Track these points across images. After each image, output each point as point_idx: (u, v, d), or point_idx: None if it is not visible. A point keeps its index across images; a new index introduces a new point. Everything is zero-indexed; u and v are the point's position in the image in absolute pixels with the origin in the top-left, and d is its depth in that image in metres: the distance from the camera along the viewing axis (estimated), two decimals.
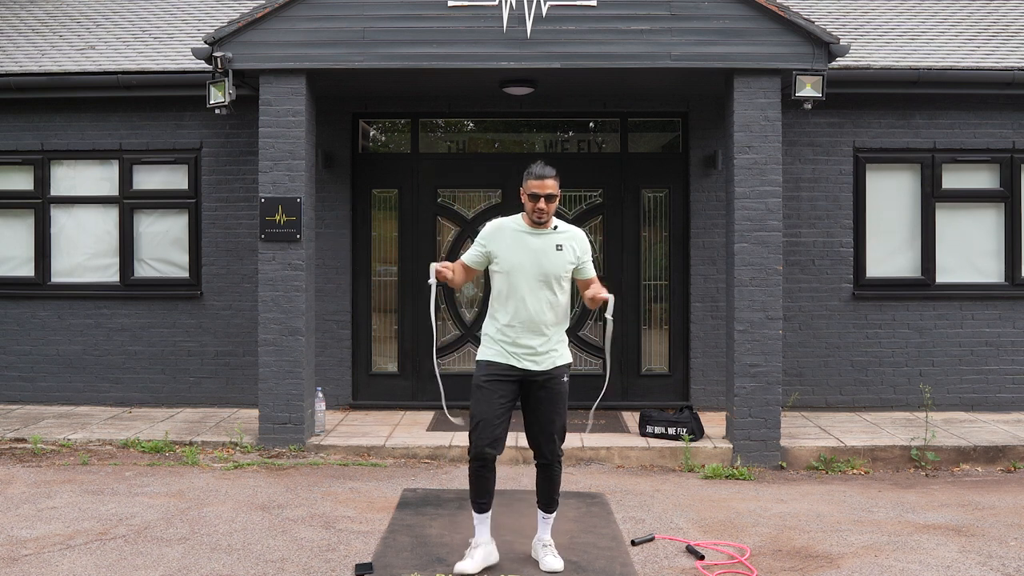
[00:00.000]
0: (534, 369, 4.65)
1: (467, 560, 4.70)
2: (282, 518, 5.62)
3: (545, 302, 4.67)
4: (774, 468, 7.17)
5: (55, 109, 8.84)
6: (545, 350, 4.68)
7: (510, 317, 4.67)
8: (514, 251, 4.69)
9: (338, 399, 8.80)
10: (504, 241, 4.73)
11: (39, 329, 8.91)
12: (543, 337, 4.67)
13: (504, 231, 4.76)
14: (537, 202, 4.63)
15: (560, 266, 4.69)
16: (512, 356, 4.66)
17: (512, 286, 4.67)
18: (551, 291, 4.68)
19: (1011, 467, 7.15)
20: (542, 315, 4.66)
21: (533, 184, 4.64)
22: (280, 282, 7.38)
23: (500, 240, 4.74)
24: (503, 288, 4.71)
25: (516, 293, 4.66)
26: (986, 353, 8.71)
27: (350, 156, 8.86)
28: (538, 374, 4.66)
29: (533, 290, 4.65)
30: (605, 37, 7.21)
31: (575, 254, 4.74)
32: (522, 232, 4.72)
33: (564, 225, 4.81)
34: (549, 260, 4.67)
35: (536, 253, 4.67)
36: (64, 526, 5.41)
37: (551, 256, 4.67)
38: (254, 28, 7.25)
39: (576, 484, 6.51)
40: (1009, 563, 4.92)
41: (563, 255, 4.70)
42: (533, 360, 4.66)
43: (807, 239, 8.73)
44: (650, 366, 8.95)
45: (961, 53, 8.85)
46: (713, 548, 5.12)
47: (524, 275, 4.66)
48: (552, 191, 4.65)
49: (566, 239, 4.74)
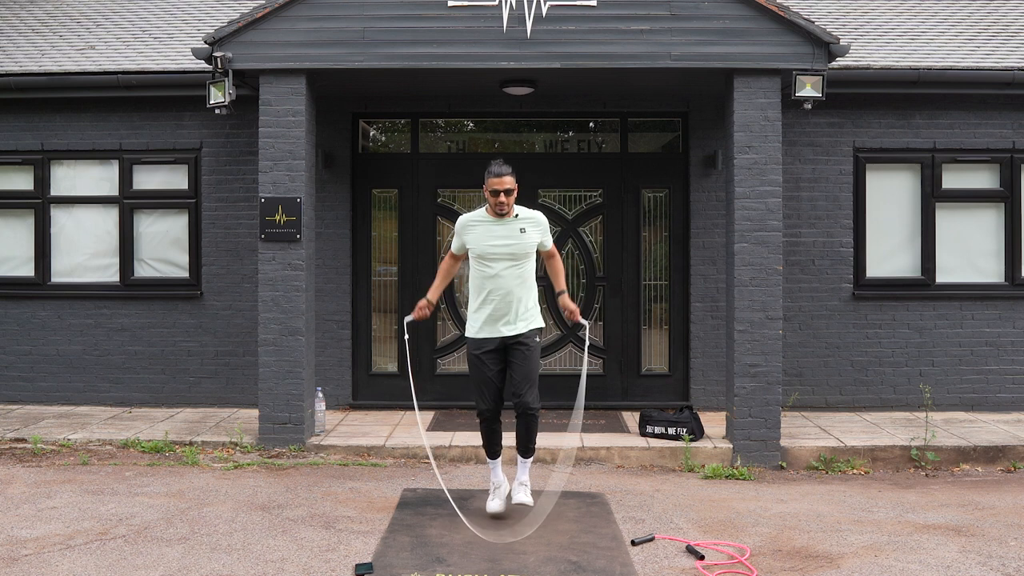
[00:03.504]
0: (511, 334, 5.47)
1: (495, 501, 5.62)
2: (282, 518, 5.62)
3: (515, 277, 5.46)
4: (774, 468, 7.17)
5: (55, 109, 8.84)
6: (518, 317, 5.47)
7: (487, 293, 5.47)
8: (484, 239, 5.47)
9: (338, 399, 8.81)
10: (475, 232, 5.52)
11: (39, 329, 8.91)
12: (517, 306, 5.46)
13: (473, 224, 5.54)
14: (498, 196, 5.39)
15: (528, 245, 5.49)
16: (492, 328, 5.48)
17: (487, 266, 5.47)
18: (519, 267, 5.47)
19: (1011, 467, 7.15)
20: (513, 288, 5.45)
21: (493, 182, 5.39)
22: (280, 282, 7.38)
23: (471, 232, 5.53)
24: (480, 269, 5.51)
25: (490, 271, 5.46)
26: (986, 353, 8.71)
27: (350, 156, 8.86)
28: (514, 337, 5.48)
29: (504, 268, 5.44)
30: (605, 37, 7.21)
31: (538, 234, 5.55)
32: (488, 223, 5.49)
33: (524, 211, 5.56)
34: (516, 242, 5.45)
35: (504, 239, 5.45)
36: (64, 526, 5.41)
37: (517, 238, 5.46)
38: (254, 28, 7.26)
39: (576, 484, 6.51)
40: (1009, 563, 4.92)
41: (528, 236, 5.49)
42: (510, 327, 5.46)
43: (807, 239, 8.73)
44: (650, 366, 8.95)
45: (961, 53, 8.85)
46: (713, 548, 5.12)
47: (495, 258, 5.45)
48: (510, 186, 5.39)
49: (529, 223, 5.51)
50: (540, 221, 5.58)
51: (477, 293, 5.53)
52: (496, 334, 5.47)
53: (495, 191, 5.37)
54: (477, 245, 5.49)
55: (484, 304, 5.48)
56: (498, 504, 5.61)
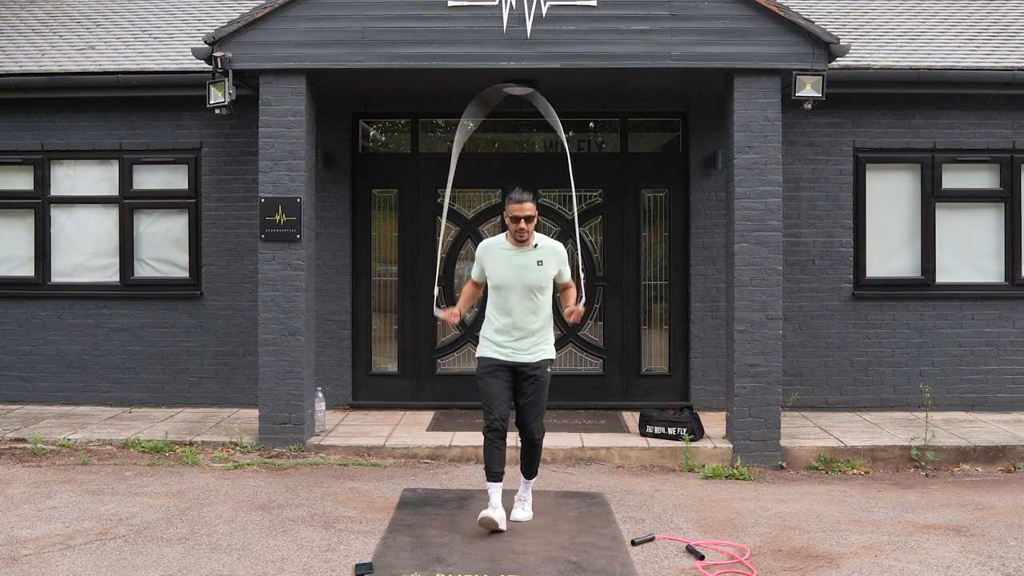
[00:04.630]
0: (523, 361, 5.42)
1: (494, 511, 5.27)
2: (282, 518, 5.62)
3: (530, 310, 5.40)
4: (774, 468, 7.17)
5: (55, 109, 8.84)
6: (532, 347, 5.42)
7: (501, 324, 5.43)
8: (501, 268, 5.42)
9: (338, 399, 8.80)
10: (493, 260, 5.47)
11: (39, 329, 8.91)
12: (531, 338, 5.42)
13: (492, 251, 5.50)
14: (518, 223, 5.33)
15: (543, 279, 5.41)
16: (504, 354, 5.42)
17: (502, 297, 5.43)
18: (535, 299, 5.41)
19: (1011, 467, 7.15)
20: (528, 320, 5.40)
21: (514, 208, 5.33)
22: (280, 282, 7.38)
23: (489, 259, 5.49)
24: (495, 298, 5.47)
25: (506, 303, 5.41)
26: (986, 353, 8.71)
27: (350, 156, 8.86)
28: (526, 365, 5.42)
29: (520, 300, 5.39)
30: (605, 37, 7.21)
31: (555, 266, 5.46)
32: (507, 251, 5.44)
33: (544, 240, 5.50)
34: (532, 275, 5.38)
35: (520, 269, 5.38)
36: (64, 526, 5.41)
37: (533, 271, 5.38)
38: (254, 28, 7.26)
39: (576, 484, 6.51)
40: (1009, 563, 4.92)
41: (545, 269, 5.41)
42: (522, 355, 5.41)
43: (807, 239, 8.73)
44: (650, 366, 8.95)
45: (961, 53, 8.85)
46: (713, 548, 5.12)
47: (511, 289, 5.39)
48: (530, 213, 5.33)
49: (546, 254, 5.43)
50: (559, 252, 5.50)
51: (492, 319, 5.49)
52: (508, 360, 5.41)
53: (515, 217, 5.31)
54: (494, 274, 5.44)
55: (498, 332, 5.44)
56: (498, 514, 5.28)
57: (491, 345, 5.46)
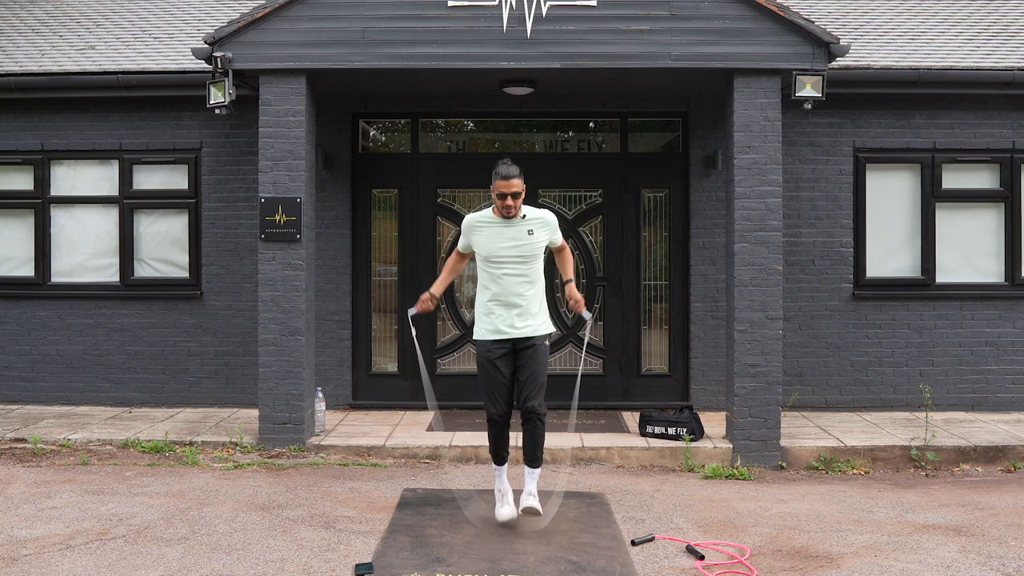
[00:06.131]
0: (519, 335, 5.38)
1: (505, 507, 5.41)
2: (282, 518, 5.62)
3: (523, 278, 5.38)
4: (774, 468, 7.17)
5: (55, 109, 8.84)
6: (526, 318, 5.39)
7: (493, 293, 5.40)
8: (491, 241, 5.38)
9: (338, 399, 8.81)
10: (482, 234, 5.42)
11: (39, 329, 8.91)
12: (522, 305, 5.38)
13: (480, 225, 5.44)
14: (505, 199, 5.28)
15: (536, 247, 5.40)
16: (499, 330, 5.38)
17: (493, 269, 5.39)
18: (527, 268, 5.39)
19: (1011, 467, 7.15)
20: (522, 288, 5.38)
21: (500, 184, 5.27)
22: (280, 282, 7.38)
23: (477, 234, 5.44)
24: (486, 270, 5.43)
25: (496, 273, 5.38)
26: (986, 353, 8.71)
27: (350, 156, 8.86)
28: (523, 340, 5.39)
29: (510, 270, 5.36)
30: (605, 37, 7.21)
31: (547, 235, 5.45)
32: (496, 224, 5.39)
33: (532, 211, 5.44)
34: (524, 244, 5.36)
35: (511, 240, 5.36)
36: (64, 526, 5.41)
37: (524, 240, 5.36)
38: (254, 28, 7.26)
39: (576, 484, 6.51)
40: (1009, 563, 4.92)
41: (536, 238, 5.39)
42: (518, 328, 5.37)
43: (807, 239, 8.73)
44: (650, 366, 8.95)
45: (961, 53, 8.85)
46: (713, 548, 5.12)
47: (503, 260, 5.36)
48: (517, 189, 5.28)
49: (537, 224, 5.40)
50: (548, 221, 5.45)
51: (484, 294, 5.43)
52: (504, 335, 5.36)
53: (502, 194, 5.25)
54: (484, 247, 5.39)
55: (491, 305, 5.38)
56: (509, 511, 5.40)
57: (487, 321, 5.40)
